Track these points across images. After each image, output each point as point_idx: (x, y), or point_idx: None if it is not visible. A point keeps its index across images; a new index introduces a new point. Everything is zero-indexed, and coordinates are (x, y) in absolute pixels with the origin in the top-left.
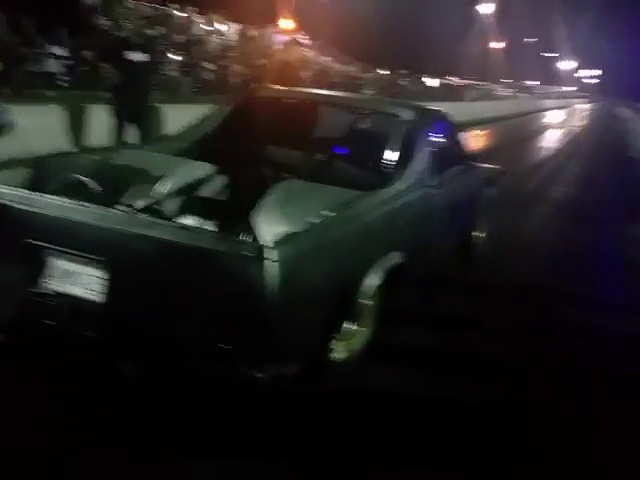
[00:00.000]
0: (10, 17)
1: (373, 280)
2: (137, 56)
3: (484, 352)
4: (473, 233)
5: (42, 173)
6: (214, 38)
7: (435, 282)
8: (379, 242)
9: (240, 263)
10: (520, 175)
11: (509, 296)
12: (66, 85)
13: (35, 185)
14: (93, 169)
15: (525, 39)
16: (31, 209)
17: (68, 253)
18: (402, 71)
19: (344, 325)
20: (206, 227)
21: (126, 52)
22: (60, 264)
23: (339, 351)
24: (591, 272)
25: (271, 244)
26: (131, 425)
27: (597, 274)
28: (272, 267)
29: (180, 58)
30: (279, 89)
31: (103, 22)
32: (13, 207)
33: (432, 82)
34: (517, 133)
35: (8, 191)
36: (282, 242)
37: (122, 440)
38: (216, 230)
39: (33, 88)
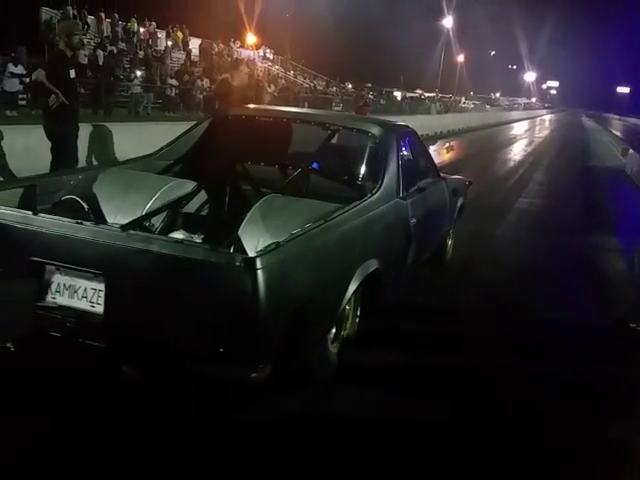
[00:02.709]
0: None
1: (352, 286)
2: (72, 73)
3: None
4: (444, 241)
5: (31, 193)
6: (177, 53)
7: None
8: (357, 250)
9: (228, 272)
10: (486, 187)
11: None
12: (24, 104)
13: (26, 205)
14: (80, 188)
15: (488, 51)
16: (33, 228)
17: (69, 268)
18: (367, 84)
19: (328, 329)
20: (194, 241)
21: (69, 70)
22: (62, 279)
23: (324, 354)
24: (550, 280)
25: (255, 254)
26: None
27: (554, 281)
28: (257, 275)
29: (141, 74)
30: (253, 107)
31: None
32: (16, 227)
33: (399, 95)
34: (483, 145)
35: (10, 212)
36: (265, 251)
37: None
38: (204, 243)
39: None
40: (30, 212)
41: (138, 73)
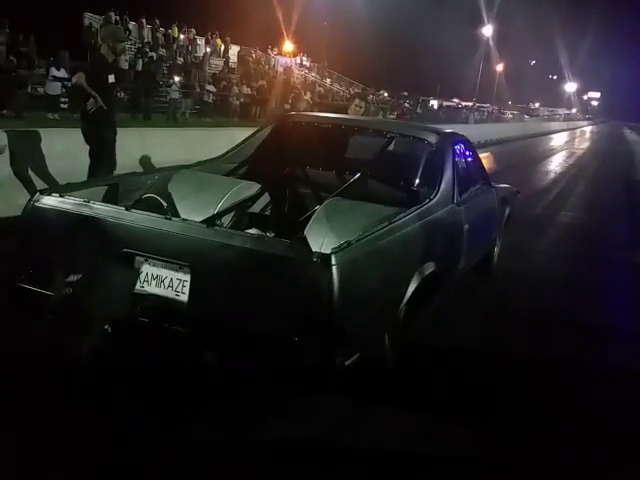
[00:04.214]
0: (11, 39)
1: (412, 286)
2: (110, 78)
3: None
4: (491, 248)
5: (114, 191)
6: (215, 60)
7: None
8: (416, 252)
9: (306, 267)
10: (527, 200)
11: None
12: (66, 107)
13: (110, 202)
14: (156, 188)
15: (528, 61)
16: (125, 222)
17: (157, 260)
18: (404, 93)
19: (392, 325)
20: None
21: (108, 75)
22: (150, 269)
23: (388, 347)
24: (593, 297)
25: (330, 251)
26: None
27: (597, 300)
28: (332, 270)
29: (180, 80)
30: (313, 114)
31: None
32: (110, 221)
33: (435, 104)
34: (523, 155)
35: (104, 207)
36: (339, 249)
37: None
38: (282, 240)
39: (34, 111)
40: (123, 208)
41: (177, 79)
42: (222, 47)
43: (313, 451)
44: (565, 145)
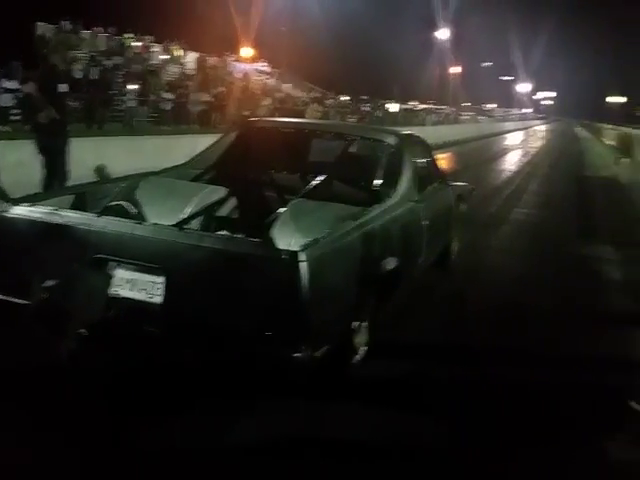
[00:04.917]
0: None
1: (375, 281)
2: (62, 87)
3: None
4: (449, 243)
5: (82, 199)
6: (172, 67)
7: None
8: (379, 248)
9: (275, 264)
10: (482, 198)
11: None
12: (18, 119)
13: (78, 210)
14: (123, 195)
15: (482, 63)
16: (97, 228)
17: (130, 264)
18: (363, 97)
19: (354, 322)
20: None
21: (60, 84)
22: (123, 273)
23: (354, 341)
24: (545, 291)
25: (298, 248)
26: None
27: (549, 292)
28: (300, 266)
29: (136, 87)
30: (275, 120)
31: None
32: (82, 228)
33: (394, 107)
34: (479, 155)
35: (76, 214)
36: (307, 247)
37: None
38: (251, 239)
39: None
40: (93, 214)
41: (133, 87)
42: (179, 54)
43: (281, 449)
44: (519, 144)
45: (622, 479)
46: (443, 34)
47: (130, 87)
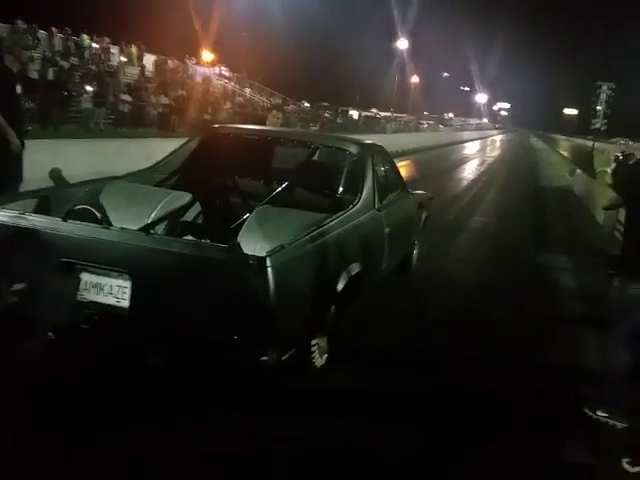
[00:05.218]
0: None
1: (340, 285)
2: (17, 89)
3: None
4: (410, 250)
5: (46, 203)
6: (130, 69)
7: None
8: (343, 254)
9: (242, 269)
10: (441, 207)
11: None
12: None
13: (42, 214)
14: (87, 199)
15: (442, 73)
16: (63, 233)
17: (96, 268)
18: (324, 103)
19: (317, 327)
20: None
21: (14, 85)
22: (90, 278)
23: (318, 344)
24: (501, 296)
25: (265, 254)
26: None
27: (504, 298)
28: (267, 271)
29: (93, 89)
30: (240, 126)
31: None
32: (47, 232)
33: (355, 114)
34: (437, 164)
35: (41, 219)
36: (273, 252)
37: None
38: (219, 244)
39: None
40: (59, 218)
41: (89, 88)
42: (137, 56)
43: (239, 459)
44: (477, 153)
45: (576, 474)
46: (403, 44)
47: (88, 88)
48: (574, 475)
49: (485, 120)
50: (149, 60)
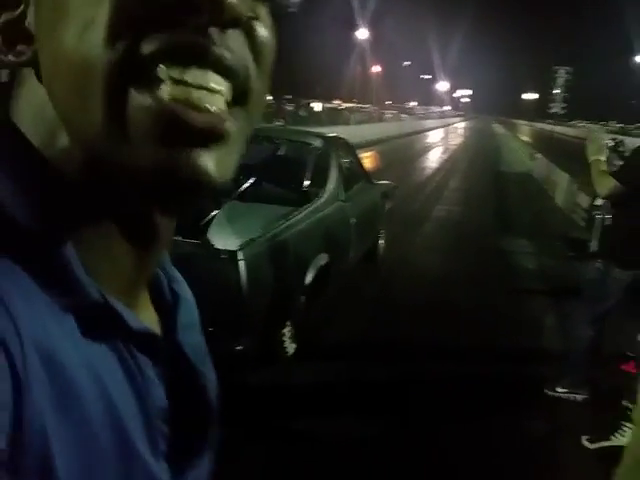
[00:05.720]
0: None
1: (309, 276)
2: None
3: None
4: (377, 239)
5: None
6: None
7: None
8: (311, 246)
9: (215, 263)
10: (405, 196)
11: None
12: None
13: None
14: None
15: (403, 62)
16: None
17: None
18: (286, 96)
19: (287, 317)
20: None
21: None
22: None
23: (289, 335)
24: (465, 285)
25: (237, 247)
26: None
27: (468, 286)
28: (239, 265)
29: None
30: None
31: None
32: None
33: (318, 106)
34: (401, 153)
35: None
36: (244, 246)
37: None
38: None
39: None
40: None
41: None
42: None
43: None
44: (440, 142)
45: (538, 452)
46: (362, 34)
47: None
48: (535, 455)
49: (448, 108)
50: None
